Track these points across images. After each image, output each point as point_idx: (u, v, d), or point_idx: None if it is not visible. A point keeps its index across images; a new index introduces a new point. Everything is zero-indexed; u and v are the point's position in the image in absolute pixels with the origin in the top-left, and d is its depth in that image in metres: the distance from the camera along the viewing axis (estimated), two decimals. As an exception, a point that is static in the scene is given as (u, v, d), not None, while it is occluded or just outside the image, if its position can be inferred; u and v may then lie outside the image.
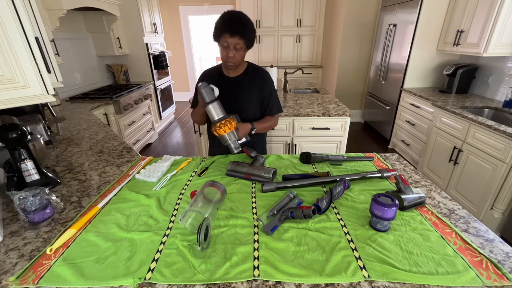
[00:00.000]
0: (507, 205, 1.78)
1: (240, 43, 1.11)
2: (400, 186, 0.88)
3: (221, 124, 1.09)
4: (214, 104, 1.10)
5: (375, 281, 0.61)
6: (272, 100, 1.33)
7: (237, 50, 1.13)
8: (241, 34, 1.09)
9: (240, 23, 1.10)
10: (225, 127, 1.10)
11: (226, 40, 1.10)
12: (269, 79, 1.32)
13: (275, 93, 1.36)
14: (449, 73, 2.71)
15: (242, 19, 1.11)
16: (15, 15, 0.78)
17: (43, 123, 1.29)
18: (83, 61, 3.18)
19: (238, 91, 1.28)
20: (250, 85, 1.28)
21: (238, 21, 1.10)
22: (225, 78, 1.29)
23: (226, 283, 0.62)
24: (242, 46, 1.13)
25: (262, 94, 1.31)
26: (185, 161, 1.23)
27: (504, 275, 0.62)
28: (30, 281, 0.63)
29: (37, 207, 0.81)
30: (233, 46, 1.11)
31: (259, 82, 1.29)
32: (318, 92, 2.83)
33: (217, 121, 1.10)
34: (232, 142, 1.14)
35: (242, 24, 1.10)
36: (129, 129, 3.11)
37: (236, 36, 1.09)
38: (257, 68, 1.32)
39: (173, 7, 5.24)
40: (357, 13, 3.85)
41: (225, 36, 1.09)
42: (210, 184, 0.90)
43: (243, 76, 1.29)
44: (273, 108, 1.35)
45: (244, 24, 1.11)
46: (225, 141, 1.13)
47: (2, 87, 0.79)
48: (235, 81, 1.28)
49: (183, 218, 0.78)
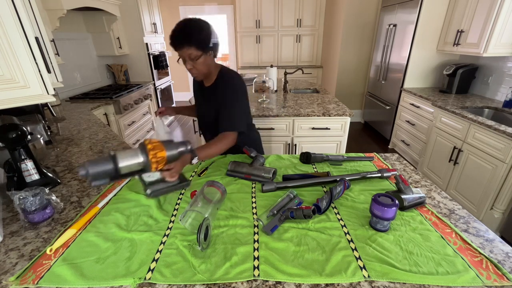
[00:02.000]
0: (507, 205, 1.78)
1: (191, 52, 1.03)
2: (400, 186, 0.88)
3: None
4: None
5: (375, 281, 0.61)
6: (224, 114, 1.15)
7: (193, 59, 1.05)
8: (187, 42, 1.01)
9: (184, 33, 1.01)
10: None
11: (179, 54, 1.06)
12: (230, 89, 1.15)
13: (232, 107, 1.15)
14: (449, 73, 2.71)
15: (184, 27, 1.02)
16: (15, 15, 0.78)
17: (43, 123, 1.29)
18: (83, 61, 3.18)
19: (210, 101, 1.22)
20: (217, 96, 1.19)
21: (182, 31, 1.02)
22: (203, 87, 1.25)
23: (226, 283, 0.62)
24: (195, 54, 1.03)
25: (218, 106, 1.17)
26: None
27: (504, 275, 0.62)
28: (30, 281, 0.63)
29: (37, 207, 0.81)
30: (187, 57, 1.05)
31: (219, 92, 1.17)
32: (318, 92, 2.83)
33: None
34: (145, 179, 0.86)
35: (186, 33, 1.01)
36: (129, 129, 3.10)
37: (183, 47, 1.02)
38: (224, 75, 1.19)
39: (173, 7, 5.24)
40: (357, 13, 3.85)
41: (176, 50, 1.05)
42: (210, 184, 0.90)
43: (214, 85, 1.20)
44: (223, 124, 1.15)
45: (189, 32, 1.02)
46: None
47: (2, 87, 0.79)
48: (208, 91, 1.23)
49: (183, 218, 0.78)
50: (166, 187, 0.86)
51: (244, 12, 4.66)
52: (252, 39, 4.83)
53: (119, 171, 0.73)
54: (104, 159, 0.72)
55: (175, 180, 0.86)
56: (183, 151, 0.83)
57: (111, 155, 0.73)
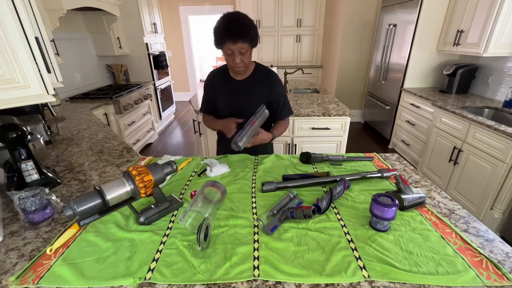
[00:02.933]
0: (507, 205, 1.78)
1: (244, 46, 1.06)
2: (400, 186, 0.88)
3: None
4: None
5: (375, 281, 0.61)
6: (281, 103, 1.28)
7: (243, 54, 1.08)
8: (244, 37, 1.04)
9: (240, 27, 1.03)
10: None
11: (230, 48, 1.05)
12: (278, 81, 1.27)
13: (285, 95, 1.30)
14: (449, 73, 2.71)
15: (240, 21, 1.05)
16: (15, 15, 0.78)
17: (43, 123, 1.29)
18: (83, 61, 3.18)
19: (248, 95, 1.24)
20: (259, 88, 1.23)
21: (238, 25, 1.03)
22: (233, 82, 1.25)
23: (226, 283, 0.62)
24: (247, 48, 1.07)
25: (271, 98, 1.25)
26: (185, 161, 1.23)
27: (504, 275, 0.62)
28: (30, 281, 0.63)
29: (37, 207, 0.81)
30: (238, 51, 1.06)
31: (268, 85, 1.24)
32: (318, 92, 2.83)
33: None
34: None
35: (242, 27, 1.04)
36: (129, 129, 3.10)
37: (239, 41, 1.03)
38: (265, 69, 1.27)
39: (173, 7, 5.24)
40: (357, 13, 3.85)
41: (227, 43, 1.04)
42: (211, 184, 0.90)
43: (251, 78, 1.24)
44: (283, 111, 1.31)
45: (244, 27, 1.04)
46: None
47: (2, 87, 0.79)
48: (243, 85, 1.24)
49: (183, 218, 0.78)
50: (159, 212, 0.85)
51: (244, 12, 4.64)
52: (252, 39, 4.82)
53: (108, 204, 0.72)
54: (89, 195, 0.70)
55: (166, 203, 0.87)
56: (170, 171, 0.87)
57: (96, 189, 0.72)
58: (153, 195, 0.84)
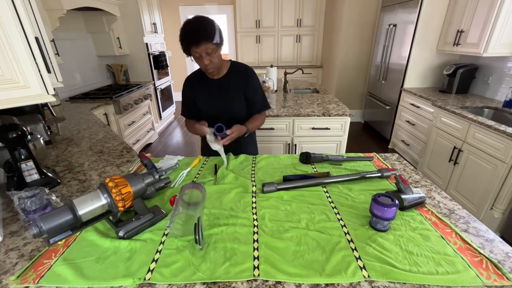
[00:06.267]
0: (507, 205, 1.78)
1: (209, 47, 1.07)
2: (400, 186, 0.88)
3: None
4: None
5: (375, 281, 0.61)
6: (257, 98, 1.34)
7: (209, 54, 1.10)
8: (206, 38, 1.05)
9: (199, 29, 1.06)
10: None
11: (196, 51, 1.08)
12: (253, 77, 1.31)
13: (260, 91, 1.35)
14: (449, 73, 2.71)
15: (199, 23, 1.07)
16: (15, 15, 0.78)
17: (43, 123, 1.30)
18: (83, 61, 3.18)
19: (224, 93, 1.28)
20: (235, 85, 1.28)
21: (197, 28, 1.06)
22: (209, 81, 1.28)
23: (226, 282, 0.62)
24: (213, 48, 1.09)
25: (247, 94, 1.30)
26: (196, 159, 1.27)
27: (504, 275, 0.62)
28: (30, 280, 0.63)
29: (37, 207, 0.81)
30: (204, 53, 1.09)
31: (243, 81, 1.28)
32: (318, 92, 2.83)
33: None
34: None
35: (201, 29, 1.06)
36: (129, 129, 3.11)
37: (202, 43, 1.05)
38: (240, 66, 1.31)
39: (173, 7, 5.24)
40: (357, 13, 3.85)
41: (192, 47, 1.08)
42: (189, 187, 0.86)
43: (227, 76, 1.28)
44: (258, 106, 1.36)
45: (203, 28, 1.06)
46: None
47: (2, 87, 0.79)
48: (220, 83, 1.28)
49: (171, 224, 0.75)
50: (140, 225, 0.79)
51: (244, 12, 4.65)
52: (252, 39, 4.83)
53: (80, 220, 0.67)
54: (59, 211, 0.66)
55: (148, 215, 0.81)
56: (151, 181, 0.81)
57: (67, 203, 0.68)
58: (134, 208, 0.79)
